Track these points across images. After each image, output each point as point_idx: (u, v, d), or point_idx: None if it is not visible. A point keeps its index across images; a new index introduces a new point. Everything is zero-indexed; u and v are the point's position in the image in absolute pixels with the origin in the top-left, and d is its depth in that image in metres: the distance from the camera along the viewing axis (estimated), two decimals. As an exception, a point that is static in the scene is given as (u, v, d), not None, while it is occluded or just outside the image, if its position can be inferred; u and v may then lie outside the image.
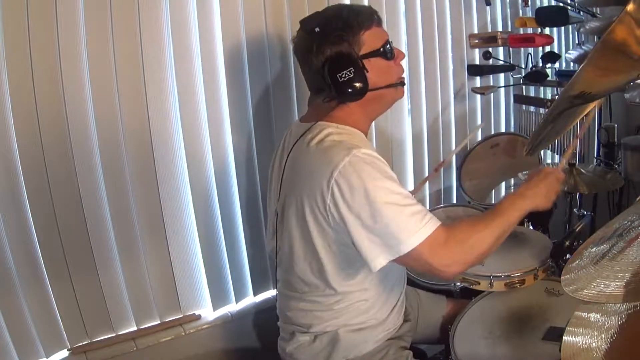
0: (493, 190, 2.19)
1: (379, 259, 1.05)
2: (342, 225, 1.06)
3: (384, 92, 1.18)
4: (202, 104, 1.58)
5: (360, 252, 1.06)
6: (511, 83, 2.25)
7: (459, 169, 2.14)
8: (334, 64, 1.10)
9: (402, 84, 1.22)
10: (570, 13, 1.87)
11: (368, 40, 1.14)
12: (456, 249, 1.07)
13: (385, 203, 1.02)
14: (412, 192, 1.52)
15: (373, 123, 1.37)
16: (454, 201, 2.17)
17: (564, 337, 0.75)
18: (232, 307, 1.77)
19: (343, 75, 1.09)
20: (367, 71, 1.12)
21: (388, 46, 1.17)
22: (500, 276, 1.31)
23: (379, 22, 1.18)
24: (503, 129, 2.32)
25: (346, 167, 1.03)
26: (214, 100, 1.59)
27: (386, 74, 1.17)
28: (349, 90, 1.10)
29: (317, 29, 1.12)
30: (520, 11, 2.21)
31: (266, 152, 1.69)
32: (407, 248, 1.02)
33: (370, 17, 1.16)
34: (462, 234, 1.08)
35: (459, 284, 1.44)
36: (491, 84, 2.22)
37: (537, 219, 1.82)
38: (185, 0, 1.49)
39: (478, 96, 2.20)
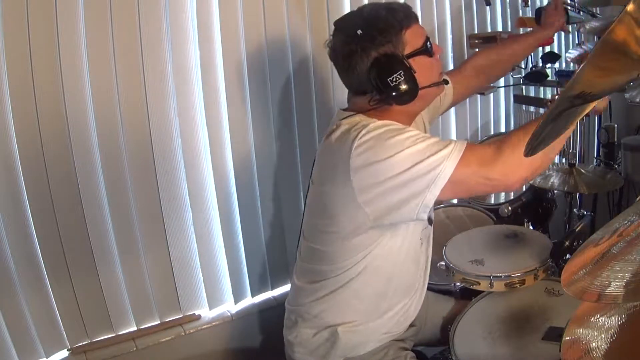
0: (493, 191, 2.18)
1: (424, 202, 1.04)
2: (370, 199, 1.06)
3: (427, 90, 1.15)
4: (201, 105, 1.58)
5: (403, 213, 1.06)
6: (511, 83, 2.25)
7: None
8: (382, 68, 1.08)
9: (446, 82, 1.20)
10: (570, 13, 1.87)
11: (410, 39, 1.11)
12: (509, 153, 1.04)
13: (406, 154, 1.02)
14: None
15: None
16: (454, 201, 2.17)
17: (564, 337, 0.75)
18: (232, 307, 1.77)
19: (393, 80, 1.07)
20: (415, 72, 1.09)
21: (428, 42, 1.14)
22: (501, 276, 1.31)
23: (416, 18, 1.15)
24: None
25: (360, 140, 1.04)
26: (214, 101, 1.59)
27: (430, 72, 1.15)
28: (400, 94, 1.08)
29: (359, 32, 1.09)
30: (520, 11, 2.21)
31: (265, 153, 1.69)
32: (443, 179, 1.02)
33: (409, 15, 1.13)
34: (513, 140, 1.05)
35: (459, 284, 1.44)
36: (491, 84, 2.22)
37: (537, 219, 1.82)
38: (185, 2, 1.49)
39: (478, 96, 2.19)
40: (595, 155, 2.21)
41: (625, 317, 0.70)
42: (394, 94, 1.08)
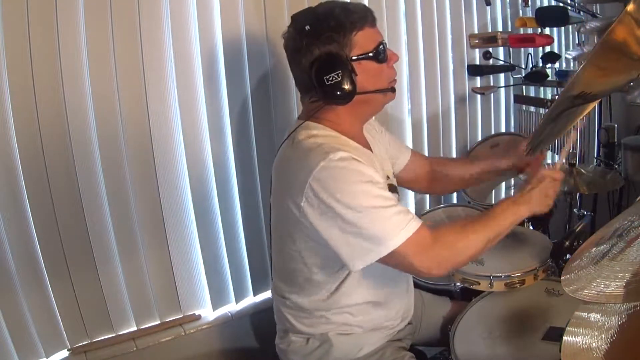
0: (493, 190, 2.19)
1: (357, 261, 1.04)
2: (316, 229, 1.04)
3: (372, 96, 1.14)
4: (202, 104, 1.58)
5: (339, 255, 1.05)
6: (511, 83, 2.25)
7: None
8: (321, 66, 1.07)
9: (392, 89, 1.18)
10: (570, 13, 1.87)
11: (360, 42, 1.09)
12: (442, 252, 1.06)
13: (361, 207, 1.01)
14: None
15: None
16: (454, 201, 2.17)
17: (564, 337, 0.75)
18: (232, 307, 1.77)
19: (330, 78, 1.06)
20: (356, 74, 1.08)
21: (381, 47, 1.13)
22: (501, 276, 1.31)
23: (372, 22, 1.13)
24: (503, 129, 2.32)
25: (320, 172, 1.01)
26: (214, 100, 1.59)
27: (376, 78, 1.13)
28: (335, 93, 1.07)
29: (307, 27, 1.08)
30: (520, 11, 2.21)
31: (266, 151, 1.69)
32: (387, 250, 1.01)
33: (363, 17, 1.11)
34: (449, 237, 1.08)
35: (459, 284, 1.44)
36: (491, 84, 2.22)
37: (537, 219, 1.82)
38: (185, 0, 1.49)
39: (478, 96, 2.20)
40: (596, 155, 2.22)
41: (625, 317, 0.70)
42: (328, 93, 1.07)
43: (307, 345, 1.22)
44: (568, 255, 1.37)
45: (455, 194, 2.19)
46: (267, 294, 1.82)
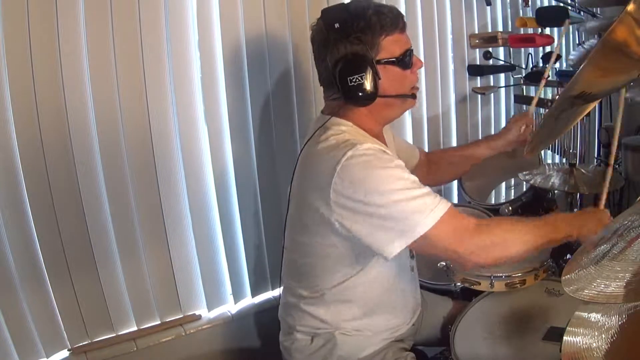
0: (493, 190, 2.18)
1: (393, 245, 1.03)
2: (346, 219, 1.04)
3: (392, 100, 1.15)
4: (202, 104, 1.58)
5: (371, 244, 1.05)
6: (511, 83, 2.25)
7: (459, 169, 2.13)
8: (346, 65, 1.07)
9: (414, 96, 1.19)
10: (571, 13, 1.87)
11: (387, 46, 1.10)
12: (486, 239, 1.05)
13: (391, 190, 1.01)
14: None
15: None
16: (454, 201, 2.17)
17: (565, 337, 0.75)
18: (232, 307, 1.77)
19: (353, 80, 1.06)
20: (380, 78, 1.09)
21: (407, 54, 1.13)
22: (501, 276, 1.31)
23: (403, 28, 1.13)
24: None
25: (348, 161, 1.02)
26: (214, 100, 1.59)
27: (398, 83, 1.14)
28: (357, 95, 1.07)
29: (336, 25, 1.08)
30: (521, 11, 2.21)
31: (265, 152, 1.69)
32: (423, 229, 1.00)
33: (394, 23, 1.11)
34: (496, 227, 1.07)
35: (459, 284, 1.44)
36: (491, 84, 2.22)
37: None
38: (185, 0, 1.49)
39: (478, 96, 2.20)
40: (596, 156, 2.21)
41: (625, 317, 0.70)
42: (349, 93, 1.07)
43: (312, 344, 1.22)
44: (568, 255, 1.37)
45: (455, 194, 2.20)
46: (266, 295, 1.82)
